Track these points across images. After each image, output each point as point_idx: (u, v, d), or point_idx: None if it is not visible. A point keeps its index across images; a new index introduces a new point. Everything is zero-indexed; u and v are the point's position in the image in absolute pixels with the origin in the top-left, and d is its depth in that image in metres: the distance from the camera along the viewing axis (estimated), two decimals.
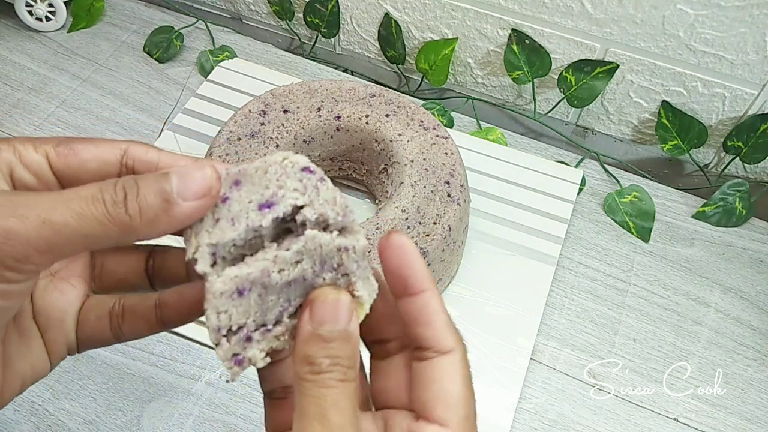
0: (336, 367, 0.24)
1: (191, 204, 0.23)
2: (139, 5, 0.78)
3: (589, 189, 0.65)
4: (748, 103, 0.61)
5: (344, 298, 0.25)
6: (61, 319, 0.29)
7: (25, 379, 0.28)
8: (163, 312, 0.29)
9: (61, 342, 0.29)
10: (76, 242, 0.22)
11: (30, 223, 0.22)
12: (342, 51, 0.77)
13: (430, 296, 0.26)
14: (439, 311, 0.26)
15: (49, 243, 0.22)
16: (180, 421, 0.49)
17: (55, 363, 0.29)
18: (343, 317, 0.24)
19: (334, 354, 0.24)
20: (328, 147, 0.58)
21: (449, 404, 0.26)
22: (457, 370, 0.26)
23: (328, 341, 0.24)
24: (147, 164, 0.26)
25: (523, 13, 0.64)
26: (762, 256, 0.61)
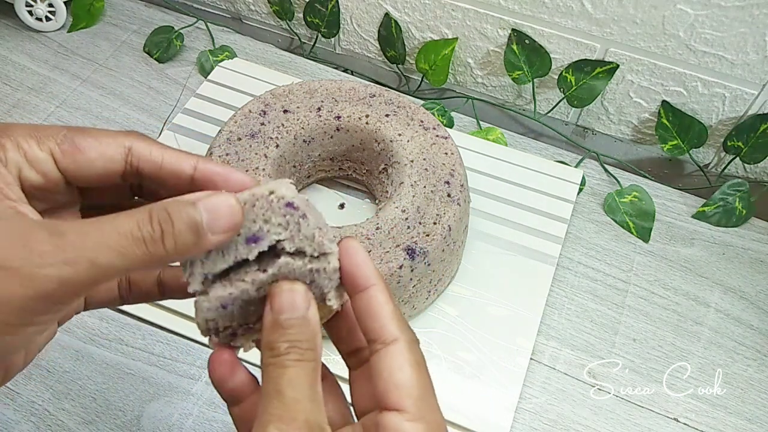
0: (293, 349, 0.26)
1: (219, 237, 0.26)
2: (139, 5, 0.78)
3: (589, 189, 0.65)
4: (748, 103, 0.61)
5: (299, 288, 0.27)
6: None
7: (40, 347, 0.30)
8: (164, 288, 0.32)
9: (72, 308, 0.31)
10: (119, 275, 0.25)
11: (80, 268, 0.23)
12: (342, 51, 0.77)
13: (376, 291, 0.28)
14: (383, 303, 0.28)
15: (95, 281, 0.23)
16: (180, 421, 0.49)
17: (62, 324, 0.31)
18: (300, 305, 0.27)
19: (292, 338, 0.26)
20: (328, 147, 0.58)
21: (400, 390, 0.27)
22: (404, 356, 0.27)
23: (287, 327, 0.26)
24: (152, 163, 0.28)
25: (523, 13, 0.64)
26: (762, 256, 0.61)
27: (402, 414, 0.27)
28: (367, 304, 0.28)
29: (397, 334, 0.28)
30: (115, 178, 0.28)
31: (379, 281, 0.28)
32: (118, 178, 0.28)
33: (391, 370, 0.27)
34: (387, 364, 0.27)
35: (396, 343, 0.28)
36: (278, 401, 0.25)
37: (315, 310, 0.27)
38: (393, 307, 0.28)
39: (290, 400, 0.25)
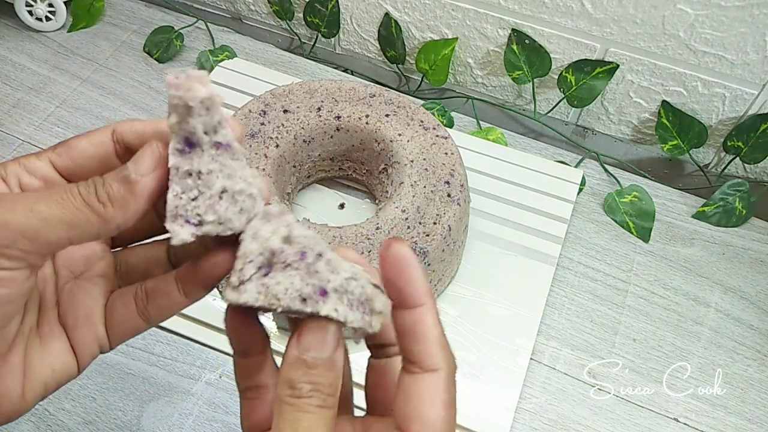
0: (316, 393, 0.25)
1: (149, 178, 0.25)
2: (139, 5, 0.78)
3: (589, 189, 0.65)
4: (748, 103, 0.61)
5: (332, 328, 0.25)
6: (87, 315, 0.30)
7: (47, 381, 0.29)
8: (184, 285, 0.30)
9: (90, 339, 0.30)
10: (61, 230, 0.25)
11: (17, 212, 0.24)
12: (342, 51, 0.77)
13: (425, 312, 0.26)
14: (432, 327, 0.26)
15: (35, 229, 0.24)
16: (180, 421, 0.49)
17: (85, 362, 0.30)
18: (329, 346, 0.25)
19: (315, 380, 0.25)
20: (328, 147, 0.58)
21: (426, 425, 0.26)
22: (439, 391, 0.26)
23: (312, 367, 0.25)
24: (135, 134, 0.28)
25: (523, 13, 0.64)
26: (762, 256, 0.61)
27: None
28: (415, 324, 0.26)
29: (440, 365, 0.26)
30: (111, 162, 0.28)
31: (429, 300, 0.26)
32: (113, 160, 0.28)
33: (422, 400, 0.26)
34: (420, 392, 0.26)
35: (437, 374, 0.26)
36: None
37: (342, 354, 0.26)
38: (440, 332, 0.27)
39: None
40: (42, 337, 0.29)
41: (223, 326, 0.28)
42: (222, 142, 0.26)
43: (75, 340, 0.29)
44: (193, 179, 0.26)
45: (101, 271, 0.31)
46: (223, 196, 0.26)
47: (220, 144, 0.26)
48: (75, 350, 0.30)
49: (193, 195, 0.26)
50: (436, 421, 0.26)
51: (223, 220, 0.26)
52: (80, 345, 0.30)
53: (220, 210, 0.26)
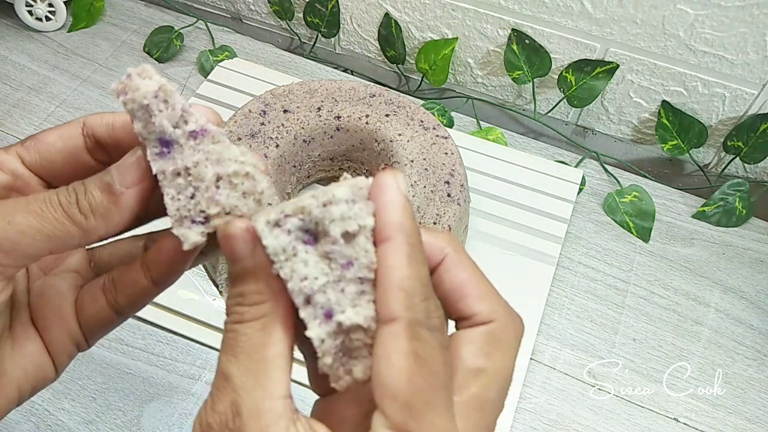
0: (234, 308, 0.23)
1: (133, 190, 0.24)
2: (139, 5, 0.78)
3: (589, 189, 0.65)
4: (748, 103, 0.61)
5: (233, 231, 0.23)
6: (58, 311, 0.28)
7: (21, 386, 0.27)
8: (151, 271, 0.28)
9: (64, 338, 0.28)
10: (40, 242, 0.24)
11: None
12: (342, 51, 0.77)
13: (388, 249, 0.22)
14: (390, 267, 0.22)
15: (13, 243, 0.23)
16: (180, 421, 0.49)
17: (63, 363, 0.29)
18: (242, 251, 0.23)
19: (235, 293, 0.23)
20: (328, 147, 0.58)
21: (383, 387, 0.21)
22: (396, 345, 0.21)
23: (235, 280, 0.23)
24: (105, 126, 0.27)
25: (523, 13, 0.64)
26: (762, 256, 0.61)
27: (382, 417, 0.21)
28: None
29: (396, 313, 0.21)
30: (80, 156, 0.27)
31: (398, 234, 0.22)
32: (83, 154, 0.27)
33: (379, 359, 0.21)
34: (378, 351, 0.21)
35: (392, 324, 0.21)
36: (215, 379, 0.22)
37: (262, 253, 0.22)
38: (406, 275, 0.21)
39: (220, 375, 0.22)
40: (14, 339, 0.28)
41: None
42: (196, 129, 0.24)
43: (49, 340, 0.28)
44: (183, 177, 0.24)
45: (73, 266, 0.30)
46: (219, 184, 0.24)
47: (195, 132, 0.24)
48: (50, 351, 0.28)
49: (189, 193, 0.24)
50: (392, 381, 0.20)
51: (229, 208, 0.24)
52: (55, 345, 0.28)
53: (222, 199, 0.24)
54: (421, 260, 0.22)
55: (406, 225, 0.22)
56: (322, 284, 0.22)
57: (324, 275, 0.22)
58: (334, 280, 0.22)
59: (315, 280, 0.22)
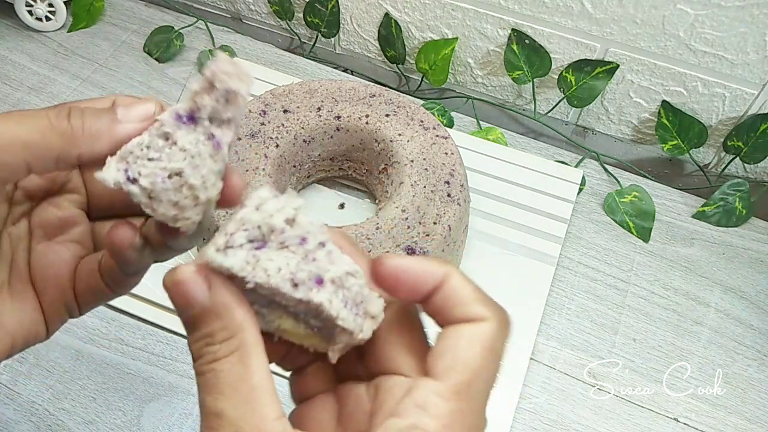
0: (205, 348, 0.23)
1: (131, 125, 0.25)
2: (139, 5, 0.78)
3: (589, 189, 0.65)
4: (748, 102, 0.61)
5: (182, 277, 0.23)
6: (57, 276, 0.29)
7: (15, 337, 0.28)
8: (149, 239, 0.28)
9: (59, 302, 0.29)
10: (16, 150, 0.23)
11: None
12: (342, 51, 0.77)
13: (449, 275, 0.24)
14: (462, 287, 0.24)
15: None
16: (180, 421, 0.49)
17: (54, 326, 0.30)
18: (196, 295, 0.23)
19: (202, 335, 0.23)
20: (328, 147, 0.58)
21: (455, 362, 0.23)
22: (479, 337, 0.23)
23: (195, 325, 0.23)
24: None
25: (523, 13, 0.64)
26: (762, 256, 0.61)
27: (436, 384, 0.23)
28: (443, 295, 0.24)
29: (487, 314, 0.24)
30: None
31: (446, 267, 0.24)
32: None
33: (459, 340, 0.23)
34: (456, 336, 0.23)
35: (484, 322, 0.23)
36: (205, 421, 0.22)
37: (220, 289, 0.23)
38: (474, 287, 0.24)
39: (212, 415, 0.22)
40: (12, 293, 0.28)
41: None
42: (216, 136, 0.25)
43: (44, 302, 0.29)
44: (164, 144, 0.24)
45: (76, 237, 0.30)
46: (173, 177, 0.24)
47: (213, 137, 0.25)
48: (44, 312, 0.29)
49: (152, 156, 0.24)
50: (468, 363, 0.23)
51: (154, 195, 0.24)
52: (49, 307, 0.29)
53: (158, 186, 0.24)
54: None
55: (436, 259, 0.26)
56: (296, 264, 0.23)
57: (291, 259, 0.23)
58: (302, 258, 0.24)
59: (288, 266, 0.23)
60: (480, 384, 0.23)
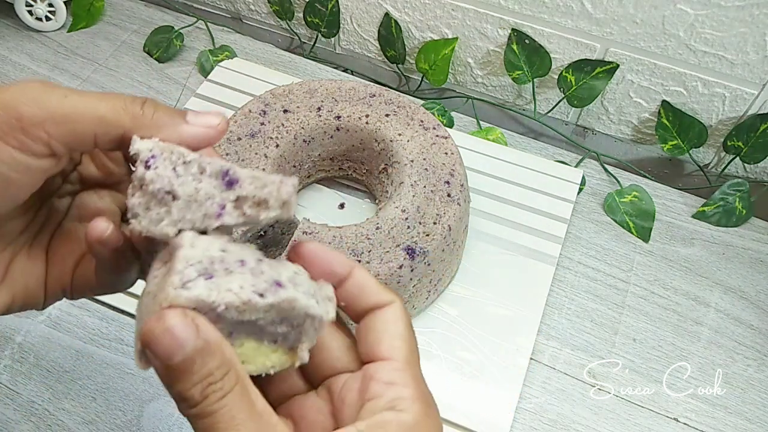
0: (209, 388, 0.23)
1: (197, 129, 0.27)
2: (139, 5, 0.78)
3: (589, 189, 0.65)
4: (748, 102, 0.61)
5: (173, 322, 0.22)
6: (65, 256, 0.31)
7: (15, 296, 0.30)
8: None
9: (59, 280, 0.31)
10: (89, 121, 0.25)
11: (53, 96, 0.25)
12: (342, 51, 0.77)
13: (357, 271, 0.28)
14: (369, 278, 0.28)
15: (64, 114, 0.25)
16: (180, 421, 0.49)
17: (49, 300, 0.31)
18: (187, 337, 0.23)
19: (200, 378, 0.23)
20: (328, 147, 0.58)
21: (394, 340, 0.27)
22: (398, 316, 0.28)
23: (186, 371, 0.23)
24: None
25: (523, 13, 0.64)
26: (762, 256, 0.61)
27: (390, 362, 0.27)
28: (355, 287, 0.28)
29: (393, 298, 0.28)
30: None
31: (353, 263, 0.29)
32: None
33: (387, 324, 0.27)
34: (382, 320, 0.28)
35: (393, 304, 0.28)
36: None
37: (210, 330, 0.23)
38: (376, 280, 0.29)
39: None
40: (30, 255, 0.30)
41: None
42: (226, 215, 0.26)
43: (48, 274, 0.31)
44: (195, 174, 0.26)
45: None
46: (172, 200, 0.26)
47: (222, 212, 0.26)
48: (46, 283, 0.30)
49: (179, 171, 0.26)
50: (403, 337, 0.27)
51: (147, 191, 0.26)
52: (51, 280, 0.31)
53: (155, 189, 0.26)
54: None
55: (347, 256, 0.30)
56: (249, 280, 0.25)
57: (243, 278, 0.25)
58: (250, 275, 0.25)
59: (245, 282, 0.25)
60: (415, 352, 0.28)
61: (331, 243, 0.49)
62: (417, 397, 0.26)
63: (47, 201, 0.31)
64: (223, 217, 0.26)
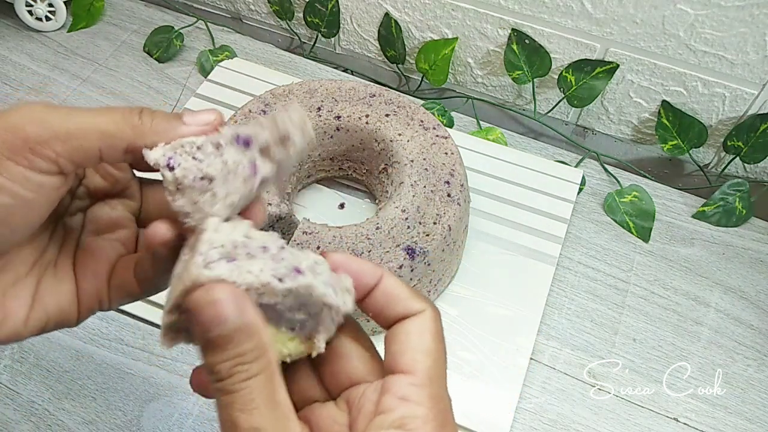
0: (237, 368, 0.24)
1: (195, 128, 0.28)
2: (139, 5, 0.78)
3: (589, 189, 0.65)
4: (748, 102, 0.61)
5: (221, 294, 0.24)
6: (96, 267, 0.31)
7: (49, 316, 0.30)
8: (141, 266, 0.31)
9: (93, 292, 0.31)
10: (94, 138, 0.26)
11: (56, 115, 0.26)
12: (342, 51, 0.77)
13: (386, 278, 0.28)
14: (399, 285, 0.28)
15: (68, 132, 0.26)
16: (180, 421, 0.49)
17: (84, 314, 0.31)
18: (230, 315, 0.24)
19: (232, 355, 0.24)
20: (328, 147, 0.58)
21: (414, 353, 0.26)
22: (426, 326, 0.27)
23: (223, 345, 0.24)
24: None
25: (523, 13, 0.64)
26: (762, 256, 0.61)
27: (408, 377, 0.26)
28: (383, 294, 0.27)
29: (424, 306, 0.27)
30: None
31: (382, 270, 0.28)
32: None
33: (410, 335, 0.26)
34: (407, 331, 0.27)
35: (423, 313, 0.27)
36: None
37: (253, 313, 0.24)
38: (408, 287, 0.28)
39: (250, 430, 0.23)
40: (57, 274, 0.31)
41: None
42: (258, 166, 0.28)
43: (80, 289, 0.31)
44: (212, 151, 0.27)
45: (122, 237, 0.32)
46: (203, 180, 0.27)
47: (256, 168, 0.27)
48: (79, 299, 0.31)
49: (197, 156, 0.27)
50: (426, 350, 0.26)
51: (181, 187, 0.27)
52: (84, 295, 0.31)
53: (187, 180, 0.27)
54: None
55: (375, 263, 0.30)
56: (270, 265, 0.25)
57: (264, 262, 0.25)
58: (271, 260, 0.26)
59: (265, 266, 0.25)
60: (440, 367, 0.26)
61: (331, 243, 0.49)
62: (431, 418, 0.25)
63: (60, 221, 0.32)
64: (259, 173, 0.28)
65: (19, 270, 0.29)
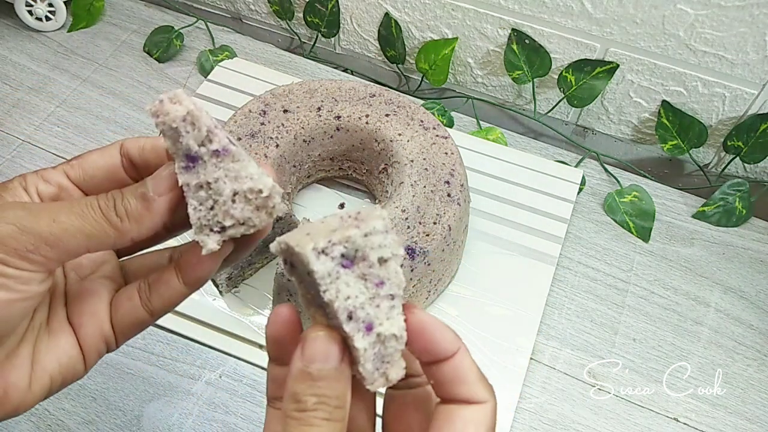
0: (322, 405, 0.25)
1: (164, 198, 0.28)
2: (139, 5, 0.78)
3: (589, 189, 0.65)
4: (748, 102, 0.61)
5: (335, 337, 0.25)
6: (93, 311, 0.31)
7: (53, 375, 0.30)
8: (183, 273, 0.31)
9: (97, 336, 0.31)
10: (80, 240, 0.27)
11: (42, 221, 0.26)
12: (342, 51, 0.77)
13: (461, 355, 0.27)
14: (471, 366, 0.27)
15: (57, 238, 0.26)
16: (180, 421, 0.49)
17: (92, 360, 0.31)
18: (333, 356, 0.25)
19: (321, 393, 0.25)
20: (328, 147, 0.58)
21: None
22: (485, 421, 0.27)
23: (317, 380, 0.25)
24: (138, 148, 0.31)
25: (523, 13, 0.64)
26: (762, 256, 0.61)
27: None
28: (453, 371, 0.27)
29: (487, 397, 0.27)
30: (118, 173, 0.31)
31: (460, 343, 0.27)
32: (120, 172, 0.31)
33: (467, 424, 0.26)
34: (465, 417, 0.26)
35: (484, 405, 0.27)
36: None
37: (347, 366, 0.25)
38: (478, 369, 0.27)
39: None
40: (51, 332, 0.30)
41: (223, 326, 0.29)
42: (219, 149, 0.27)
43: (82, 337, 0.31)
44: (204, 190, 0.28)
45: (107, 274, 0.32)
46: (236, 199, 0.27)
47: (218, 151, 0.27)
48: (82, 347, 0.31)
49: (210, 205, 0.28)
50: None
51: (243, 220, 0.28)
52: (87, 342, 0.31)
53: (236, 212, 0.28)
54: None
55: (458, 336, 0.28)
56: (362, 302, 0.25)
57: (362, 294, 0.25)
58: (370, 297, 0.25)
59: (356, 299, 0.25)
60: None
61: None
62: None
63: None
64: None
65: (10, 343, 0.29)
